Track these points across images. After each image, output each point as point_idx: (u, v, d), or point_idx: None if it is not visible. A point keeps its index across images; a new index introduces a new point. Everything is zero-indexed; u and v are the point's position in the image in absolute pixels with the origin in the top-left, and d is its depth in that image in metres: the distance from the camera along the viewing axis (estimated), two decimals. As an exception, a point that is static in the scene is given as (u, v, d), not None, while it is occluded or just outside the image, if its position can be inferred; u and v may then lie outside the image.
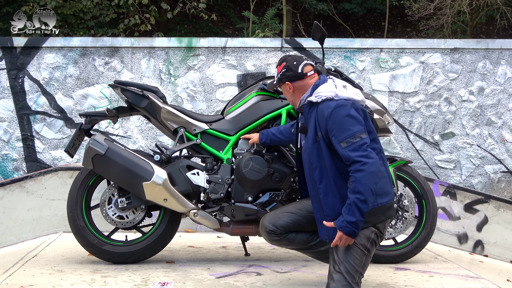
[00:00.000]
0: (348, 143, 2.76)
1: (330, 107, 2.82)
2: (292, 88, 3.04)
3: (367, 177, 2.72)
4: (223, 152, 3.65)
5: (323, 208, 2.85)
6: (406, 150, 5.98)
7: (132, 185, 3.46)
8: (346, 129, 2.78)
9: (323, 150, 2.84)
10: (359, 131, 2.79)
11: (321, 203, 2.86)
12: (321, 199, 2.86)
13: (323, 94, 2.88)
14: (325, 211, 2.85)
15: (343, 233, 2.76)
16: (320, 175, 2.85)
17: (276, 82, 3.13)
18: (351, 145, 2.75)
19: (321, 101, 2.87)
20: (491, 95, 6.01)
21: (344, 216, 2.75)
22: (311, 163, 2.88)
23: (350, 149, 2.75)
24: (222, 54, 5.93)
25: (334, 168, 2.84)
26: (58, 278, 3.26)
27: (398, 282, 3.30)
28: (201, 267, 3.58)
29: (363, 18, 11.86)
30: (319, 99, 2.87)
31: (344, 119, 2.80)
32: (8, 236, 4.61)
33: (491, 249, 4.78)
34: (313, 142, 2.88)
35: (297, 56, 3.09)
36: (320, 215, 2.88)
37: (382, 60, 5.99)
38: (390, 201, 2.89)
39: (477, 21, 9.18)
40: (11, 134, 5.83)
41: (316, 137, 2.87)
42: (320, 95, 2.88)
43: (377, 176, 2.76)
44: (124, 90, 3.68)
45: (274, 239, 3.07)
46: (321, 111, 2.85)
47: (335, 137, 2.79)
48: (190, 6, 8.87)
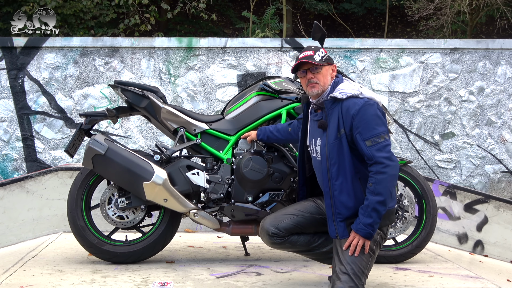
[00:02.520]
0: (373, 142, 2.78)
1: (358, 105, 2.84)
2: (335, 71, 3.04)
3: (389, 180, 2.76)
4: (223, 152, 3.65)
5: (336, 205, 2.86)
6: (406, 150, 5.98)
7: (132, 185, 3.46)
8: (373, 128, 2.80)
9: (344, 147, 2.86)
10: (384, 132, 2.82)
11: (334, 199, 2.87)
12: (335, 195, 2.86)
13: (348, 91, 2.88)
14: (337, 208, 2.86)
15: (360, 236, 2.79)
16: (337, 171, 2.86)
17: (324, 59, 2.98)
18: (376, 144, 2.78)
19: (346, 98, 2.88)
20: (491, 95, 6.01)
21: (361, 219, 2.78)
22: (330, 159, 2.88)
23: (375, 149, 2.77)
24: (222, 54, 5.93)
25: (352, 167, 2.85)
26: (58, 278, 3.26)
27: (398, 282, 3.30)
28: (201, 267, 3.58)
29: (363, 18, 11.86)
30: (344, 96, 2.88)
31: (371, 118, 2.82)
32: (8, 236, 4.61)
33: (491, 249, 4.78)
34: (335, 138, 2.87)
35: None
36: (332, 212, 2.89)
37: (382, 60, 5.99)
38: (394, 206, 2.93)
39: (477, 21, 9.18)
40: (11, 134, 5.83)
41: (338, 134, 2.87)
42: (345, 92, 2.89)
43: (396, 179, 2.81)
44: (124, 90, 3.68)
45: (276, 242, 3.05)
46: (346, 107, 2.86)
47: (360, 134, 2.80)
48: (190, 6, 8.87)
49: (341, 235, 2.86)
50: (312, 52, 2.98)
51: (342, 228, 2.86)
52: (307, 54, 2.98)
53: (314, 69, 2.97)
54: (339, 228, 2.86)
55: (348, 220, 2.86)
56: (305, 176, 3.18)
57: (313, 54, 2.97)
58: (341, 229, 2.86)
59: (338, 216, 2.86)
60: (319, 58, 2.97)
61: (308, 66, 2.98)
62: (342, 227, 2.85)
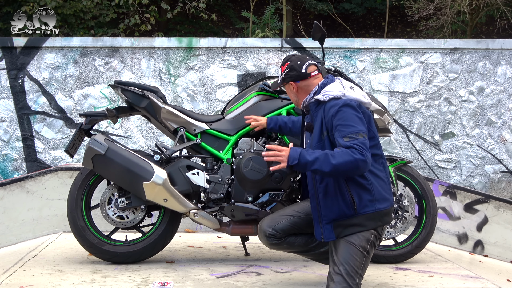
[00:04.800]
0: (351, 138, 2.73)
1: (338, 104, 2.83)
2: (295, 88, 3.03)
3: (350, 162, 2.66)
4: (223, 152, 3.65)
5: (321, 207, 2.86)
6: (406, 150, 5.98)
7: (132, 185, 3.46)
8: (351, 125, 2.78)
9: (327, 150, 2.85)
10: (363, 130, 2.78)
11: (319, 202, 2.86)
12: (320, 198, 2.86)
13: (331, 93, 2.88)
14: (323, 210, 2.85)
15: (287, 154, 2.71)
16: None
17: (280, 81, 3.12)
18: (353, 140, 2.72)
19: (328, 100, 2.87)
20: (491, 95, 6.01)
21: (305, 150, 2.72)
22: None
23: (352, 143, 2.73)
24: (222, 54, 5.93)
25: None
26: (58, 278, 3.26)
27: (398, 282, 3.30)
28: (201, 267, 3.58)
29: (363, 18, 11.86)
30: (327, 98, 2.88)
31: (350, 116, 2.80)
32: (8, 236, 4.61)
33: (491, 249, 4.78)
34: (318, 140, 2.88)
35: (301, 56, 3.08)
36: (318, 214, 2.88)
37: (382, 60, 5.99)
38: (388, 207, 2.89)
39: (477, 21, 9.17)
40: (11, 134, 5.83)
41: (322, 136, 2.87)
42: (328, 94, 2.88)
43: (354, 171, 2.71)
44: (124, 90, 3.68)
45: (274, 243, 3.05)
46: (328, 108, 2.86)
47: (339, 132, 2.78)
48: (190, 6, 8.86)
49: (326, 237, 2.85)
50: (282, 68, 3.08)
51: (328, 230, 2.84)
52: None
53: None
54: (324, 231, 2.85)
55: (334, 222, 2.84)
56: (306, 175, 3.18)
57: (282, 71, 3.08)
58: (327, 232, 2.84)
59: (324, 218, 2.85)
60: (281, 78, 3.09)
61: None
62: (328, 229, 2.84)
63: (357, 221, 2.82)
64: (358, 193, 2.82)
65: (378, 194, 2.83)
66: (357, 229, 2.82)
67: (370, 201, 2.82)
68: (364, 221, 2.81)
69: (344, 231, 2.83)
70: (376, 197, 2.83)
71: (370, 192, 2.83)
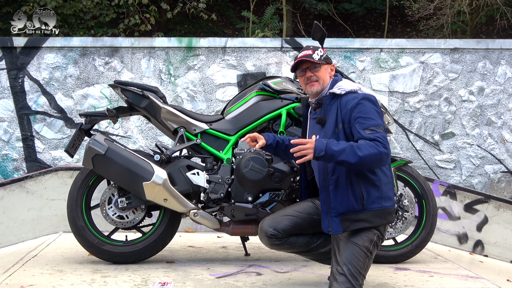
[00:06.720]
0: (373, 131, 2.79)
1: (357, 98, 2.88)
2: (334, 70, 3.09)
3: (375, 155, 2.72)
4: (223, 152, 3.66)
5: (331, 199, 2.86)
6: (406, 150, 5.98)
7: (132, 185, 3.46)
8: (372, 118, 2.83)
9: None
10: (382, 124, 2.85)
11: (329, 194, 2.87)
12: (330, 190, 2.87)
13: (346, 87, 2.95)
14: (332, 203, 2.86)
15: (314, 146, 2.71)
16: (334, 166, 2.86)
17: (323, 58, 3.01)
18: (376, 133, 2.79)
19: (344, 93, 2.93)
20: (491, 95, 6.01)
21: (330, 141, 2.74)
22: None
23: (375, 136, 2.78)
24: (222, 54, 5.93)
25: None
26: (58, 278, 3.26)
27: (398, 282, 3.30)
28: (201, 267, 3.58)
29: (363, 18, 11.86)
30: (343, 91, 2.93)
31: (371, 110, 2.86)
32: (8, 236, 4.61)
33: (491, 249, 4.78)
34: (333, 133, 2.90)
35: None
36: (326, 206, 2.88)
37: (382, 60, 5.99)
38: (392, 206, 2.93)
39: (477, 21, 9.18)
40: (11, 134, 5.83)
41: (336, 129, 2.90)
42: (343, 88, 2.95)
43: (377, 164, 2.78)
44: (124, 90, 3.68)
45: (275, 243, 3.05)
46: (345, 102, 2.90)
47: (360, 124, 2.81)
48: (190, 6, 8.86)
49: (334, 230, 2.86)
50: (311, 51, 3.02)
51: (336, 223, 2.85)
52: (306, 53, 3.01)
53: (313, 68, 3.01)
54: (332, 223, 2.86)
55: (342, 215, 2.85)
56: (306, 179, 3.19)
57: (312, 53, 3.01)
58: (335, 225, 2.86)
59: (333, 210, 2.86)
60: (318, 57, 3.01)
61: (307, 65, 3.02)
62: (336, 223, 2.85)
63: (364, 216, 2.84)
64: (367, 188, 2.85)
65: (384, 192, 2.88)
66: (363, 225, 2.84)
67: (377, 198, 2.85)
68: (370, 217, 2.84)
69: (351, 225, 2.84)
70: (383, 194, 2.87)
71: (378, 188, 2.86)
